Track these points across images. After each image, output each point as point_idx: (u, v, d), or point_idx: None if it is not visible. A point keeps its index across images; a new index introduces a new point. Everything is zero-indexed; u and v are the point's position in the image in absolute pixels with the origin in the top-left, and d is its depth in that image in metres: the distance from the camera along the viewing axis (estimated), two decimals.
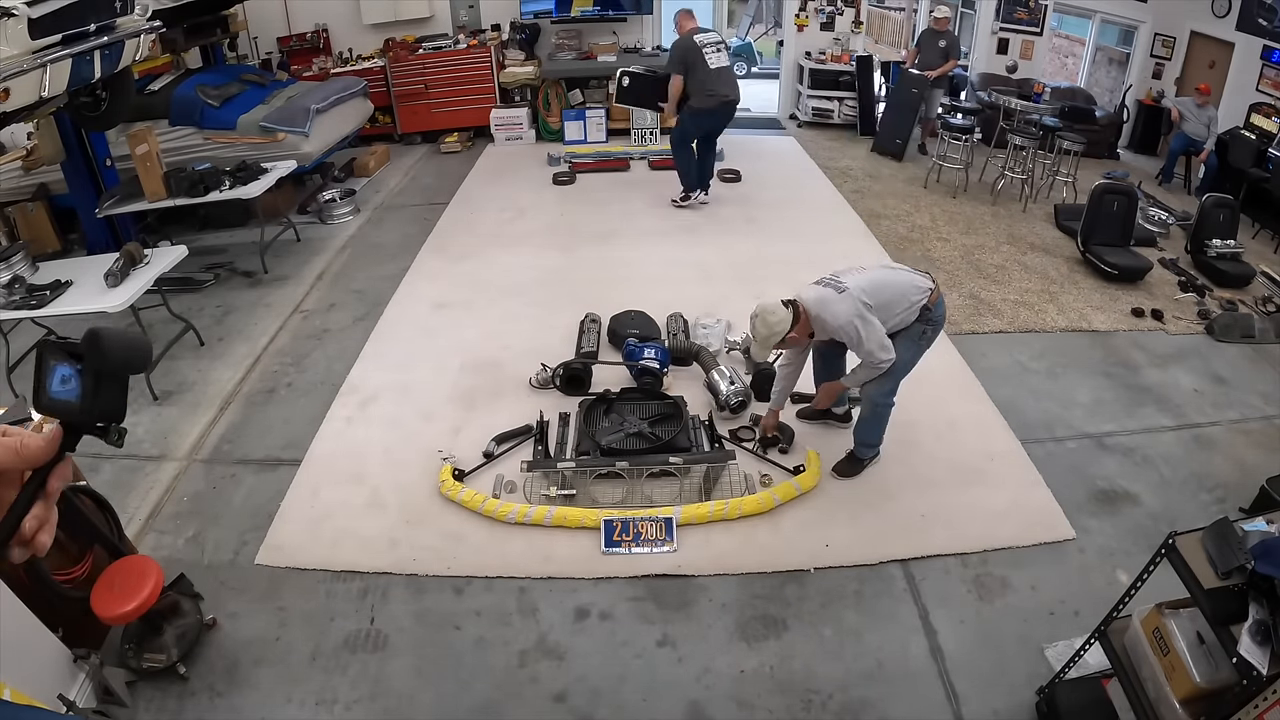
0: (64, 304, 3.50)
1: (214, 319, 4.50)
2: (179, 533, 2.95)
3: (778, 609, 2.58)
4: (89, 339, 0.68)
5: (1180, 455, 3.35)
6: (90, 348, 0.67)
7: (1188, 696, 1.69)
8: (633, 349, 3.67)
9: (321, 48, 7.70)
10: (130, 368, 0.70)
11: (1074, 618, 2.52)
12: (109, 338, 0.68)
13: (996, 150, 6.64)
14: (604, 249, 5.27)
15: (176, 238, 5.16)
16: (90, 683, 2.20)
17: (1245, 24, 6.86)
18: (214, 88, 5.73)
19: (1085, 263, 5.16)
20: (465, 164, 7.18)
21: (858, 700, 2.29)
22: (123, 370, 0.70)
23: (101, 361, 0.68)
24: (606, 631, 2.51)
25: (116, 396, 0.70)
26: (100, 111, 4.36)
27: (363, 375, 3.88)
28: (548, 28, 7.86)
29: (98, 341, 0.67)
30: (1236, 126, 6.74)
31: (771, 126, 8.70)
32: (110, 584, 2.25)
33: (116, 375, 0.70)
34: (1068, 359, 4.07)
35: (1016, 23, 8.44)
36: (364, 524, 2.94)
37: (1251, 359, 4.16)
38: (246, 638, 2.51)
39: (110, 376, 0.69)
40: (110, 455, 3.37)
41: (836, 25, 8.32)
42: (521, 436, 3.34)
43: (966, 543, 2.82)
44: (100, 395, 0.68)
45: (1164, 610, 1.83)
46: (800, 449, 3.26)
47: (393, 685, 2.35)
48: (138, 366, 0.71)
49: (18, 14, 3.19)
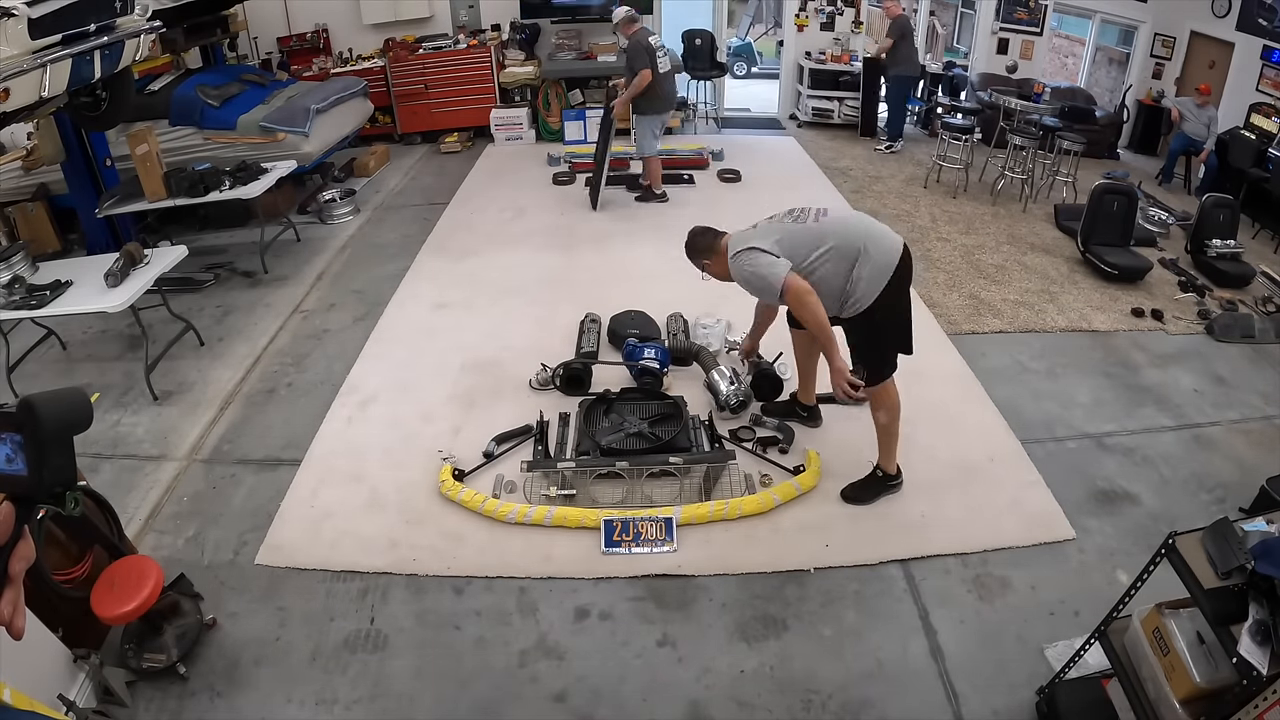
0: (64, 304, 3.49)
1: (214, 319, 4.51)
2: (179, 533, 2.95)
3: (778, 609, 2.58)
4: (24, 409, 0.65)
5: (1180, 455, 3.35)
6: (27, 418, 0.65)
7: (1188, 696, 1.69)
8: (633, 349, 3.67)
9: (321, 48, 7.71)
10: (73, 429, 0.68)
11: (1074, 618, 2.52)
12: (44, 404, 0.65)
13: (996, 150, 6.64)
14: (604, 249, 5.27)
15: (176, 238, 5.16)
16: (90, 683, 2.20)
17: (1245, 24, 6.86)
18: (214, 88, 5.73)
19: (1085, 263, 5.16)
20: (465, 164, 7.18)
21: (858, 700, 2.28)
22: (66, 433, 0.67)
23: (42, 429, 0.65)
24: (606, 631, 2.51)
25: (65, 462, 0.67)
26: (100, 111, 4.36)
27: (362, 375, 3.88)
28: (548, 28, 7.86)
29: (33, 411, 0.65)
30: (1236, 126, 6.75)
31: (771, 126, 8.70)
32: (110, 584, 2.25)
33: (60, 439, 0.67)
34: (1068, 359, 4.07)
35: (1016, 23, 8.45)
36: (364, 524, 2.94)
37: (1252, 359, 4.16)
38: (246, 638, 2.51)
39: (54, 442, 0.66)
40: (110, 455, 3.38)
41: (836, 25, 8.32)
42: (521, 437, 3.34)
43: (966, 543, 2.82)
44: (48, 464, 0.66)
45: (1164, 610, 1.82)
46: (800, 449, 3.26)
47: (393, 685, 2.35)
48: (81, 426, 0.68)
49: (18, 14, 3.19)
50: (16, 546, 0.67)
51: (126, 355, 4.14)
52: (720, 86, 8.55)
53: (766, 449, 3.27)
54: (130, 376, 3.92)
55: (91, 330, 4.41)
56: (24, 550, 0.68)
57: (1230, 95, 7.01)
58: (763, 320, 3.38)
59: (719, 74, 8.29)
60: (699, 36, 8.00)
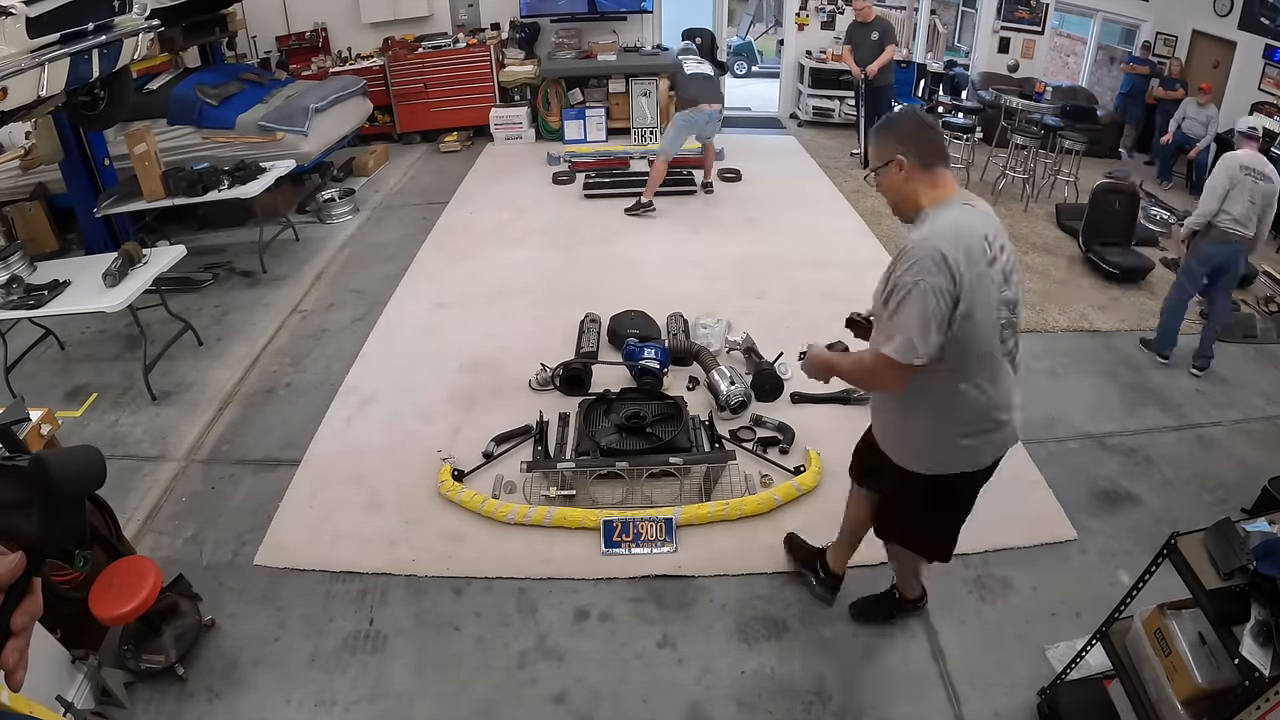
0: (62, 304, 3.48)
1: (213, 319, 4.50)
2: (177, 533, 2.95)
3: (778, 610, 2.57)
4: (36, 468, 0.61)
5: (1182, 455, 3.34)
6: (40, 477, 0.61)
7: (1189, 697, 1.68)
8: (633, 349, 3.66)
9: (320, 46, 7.70)
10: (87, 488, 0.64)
11: (1075, 618, 2.51)
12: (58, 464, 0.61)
13: (998, 149, 6.64)
14: (604, 248, 5.26)
15: (175, 237, 5.15)
16: (88, 684, 2.19)
17: (1247, 23, 6.85)
18: (212, 87, 5.72)
19: (1087, 262, 5.15)
20: (465, 163, 7.17)
21: (858, 701, 2.28)
22: (79, 491, 0.64)
23: (55, 489, 0.61)
24: (606, 632, 2.51)
25: (77, 521, 0.63)
26: (98, 111, 4.36)
27: (362, 375, 3.87)
28: (547, 26, 7.85)
29: (47, 471, 0.61)
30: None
31: (772, 125, 8.70)
32: (108, 585, 2.24)
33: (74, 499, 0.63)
34: (1069, 359, 4.06)
35: (1018, 21, 8.43)
36: (363, 524, 2.93)
37: (1253, 359, 4.16)
38: (245, 639, 2.50)
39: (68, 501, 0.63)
40: (108, 455, 3.35)
41: (837, 24, 8.31)
42: (521, 437, 3.33)
43: (967, 543, 2.78)
44: (60, 523, 0.62)
45: (1166, 611, 1.82)
46: (800, 449, 3.26)
47: (392, 686, 2.35)
48: (95, 484, 0.65)
49: (15, 13, 3.18)
50: (24, 601, 0.64)
51: (125, 355, 4.14)
52: None
53: (766, 449, 3.26)
54: (128, 376, 3.91)
55: (90, 330, 4.41)
56: (30, 606, 0.65)
57: (1232, 94, 7.00)
58: None
59: (720, 73, 8.26)
60: (699, 35, 7.99)
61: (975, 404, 1.77)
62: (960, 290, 1.62)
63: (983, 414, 1.79)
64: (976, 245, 1.65)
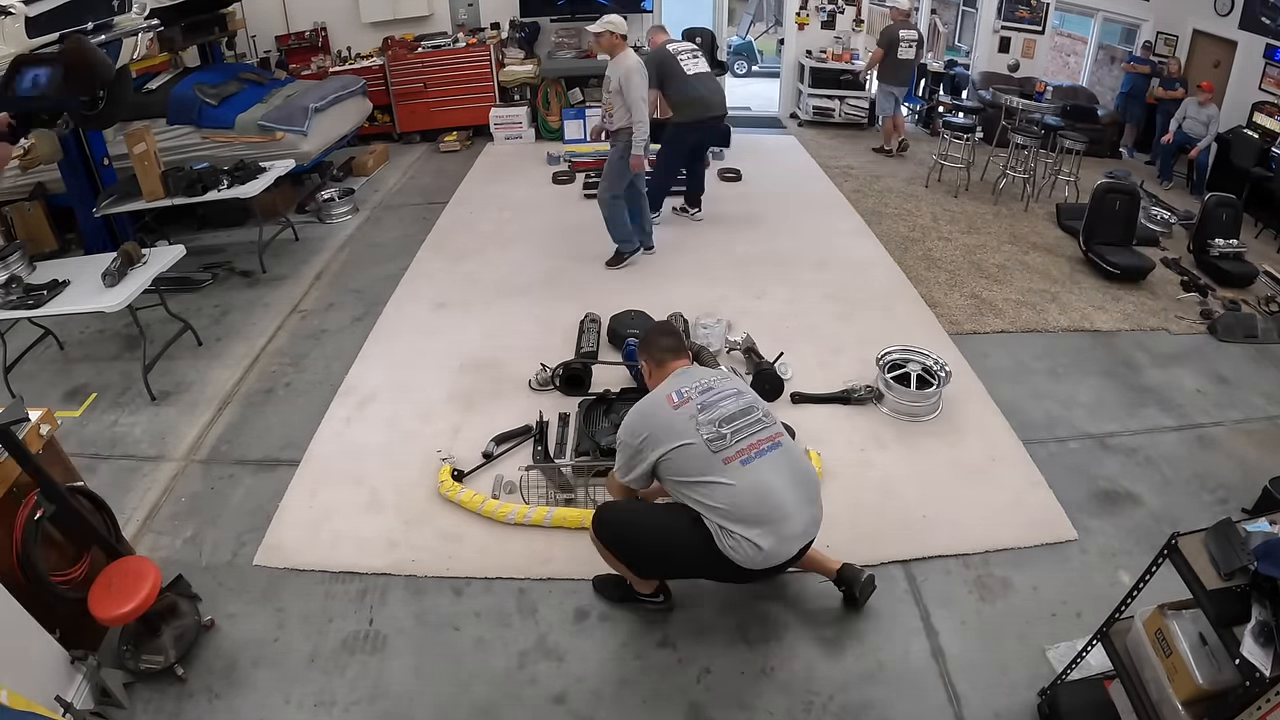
0: (61, 304, 3.48)
1: (212, 319, 4.49)
2: (177, 533, 2.94)
3: (779, 610, 2.56)
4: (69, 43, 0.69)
5: (1183, 456, 3.34)
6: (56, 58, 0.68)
7: (1190, 698, 1.68)
8: (633, 349, 3.66)
9: (320, 46, 7.70)
10: (98, 74, 0.72)
11: (1076, 619, 2.51)
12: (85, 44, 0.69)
13: (998, 149, 6.63)
14: (604, 248, 5.24)
15: (174, 237, 5.16)
16: (88, 684, 2.19)
17: (1248, 23, 6.84)
18: (212, 86, 5.72)
19: (1087, 262, 5.14)
20: (464, 163, 7.17)
21: (858, 701, 2.27)
22: (84, 70, 0.71)
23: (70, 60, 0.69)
24: (606, 632, 2.50)
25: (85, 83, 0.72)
26: (98, 110, 4.34)
27: (361, 375, 3.86)
28: (547, 26, 7.85)
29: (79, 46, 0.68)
30: (1239, 125, 6.73)
31: (772, 125, 8.69)
32: (108, 585, 2.24)
33: (82, 75, 0.71)
34: (1070, 359, 4.06)
35: (1018, 21, 8.43)
36: (363, 525, 2.93)
37: (1254, 359, 4.15)
38: (244, 639, 2.50)
39: (77, 70, 0.71)
40: (107, 455, 3.37)
41: (837, 24, 8.31)
42: (521, 437, 3.33)
43: (968, 543, 2.81)
44: (69, 84, 0.71)
45: (1166, 611, 1.81)
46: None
47: (392, 687, 2.34)
48: (104, 75, 0.73)
49: (15, 12, 3.18)
50: None
51: (124, 355, 4.13)
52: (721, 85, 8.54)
53: None
54: (128, 376, 3.91)
55: (89, 330, 4.40)
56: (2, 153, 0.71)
57: (1233, 94, 7.00)
58: None
59: (720, 72, 8.25)
60: (699, 35, 7.98)
61: None
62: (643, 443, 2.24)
63: None
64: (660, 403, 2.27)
